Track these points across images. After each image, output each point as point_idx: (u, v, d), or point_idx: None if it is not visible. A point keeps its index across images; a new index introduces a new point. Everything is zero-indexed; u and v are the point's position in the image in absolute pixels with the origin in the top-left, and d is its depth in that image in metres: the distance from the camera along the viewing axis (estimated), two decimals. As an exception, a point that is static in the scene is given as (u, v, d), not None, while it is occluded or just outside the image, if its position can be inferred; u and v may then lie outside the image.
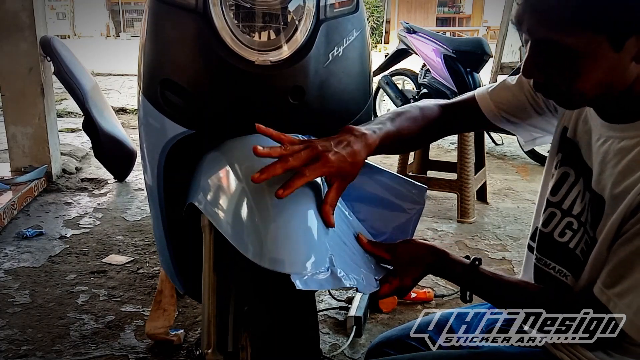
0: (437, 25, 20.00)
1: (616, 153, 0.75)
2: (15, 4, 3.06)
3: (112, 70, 9.48)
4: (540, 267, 0.90)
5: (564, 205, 0.87)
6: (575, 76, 0.70)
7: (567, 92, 0.73)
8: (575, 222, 0.84)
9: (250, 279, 0.86)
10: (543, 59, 0.72)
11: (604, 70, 0.69)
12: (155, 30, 1.00)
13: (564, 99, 0.75)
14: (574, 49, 0.68)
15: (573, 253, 0.84)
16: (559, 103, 0.78)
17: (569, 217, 0.86)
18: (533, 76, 0.75)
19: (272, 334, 0.83)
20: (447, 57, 4.42)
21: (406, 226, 0.97)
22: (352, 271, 0.79)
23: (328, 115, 1.04)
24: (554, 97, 0.76)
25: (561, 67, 0.71)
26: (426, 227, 2.77)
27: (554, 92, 0.75)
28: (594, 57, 0.68)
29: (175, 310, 1.74)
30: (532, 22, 0.71)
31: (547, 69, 0.72)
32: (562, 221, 0.87)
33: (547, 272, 0.89)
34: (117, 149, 3.25)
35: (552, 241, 0.88)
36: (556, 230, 0.88)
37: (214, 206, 0.87)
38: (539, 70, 0.73)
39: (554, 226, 0.88)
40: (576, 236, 0.84)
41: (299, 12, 0.94)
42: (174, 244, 1.18)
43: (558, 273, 0.87)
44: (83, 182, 3.43)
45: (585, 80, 0.70)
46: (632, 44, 0.68)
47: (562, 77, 0.72)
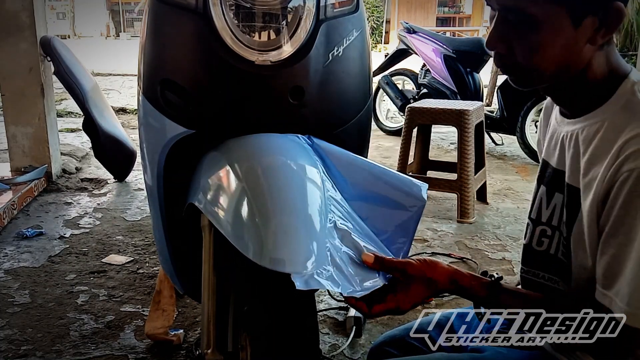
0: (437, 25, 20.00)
1: (582, 142, 0.77)
2: (15, 4, 3.06)
3: (112, 70, 9.49)
4: (530, 278, 0.91)
5: (532, 215, 0.90)
6: (534, 47, 0.72)
7: (525, 66, 0.74)
8: (548, 228, 0.86)
9: (250, 279, 0.86)
10: (507, 29, 0.74)
11: (560, 45, 0.72)
12: (155, 30, 1.00)
13: (522, 75, 0.77)
14: (536, 18, 0.70)
15: (556, 258, 0.85)
16: (517, 80, 0.79)
17: (540, 226, 0.88)
18: (496, 47, 0.76)
19: (271, 334, 0.83)
20: (447, 57, 4.42)
21: (408, 224, 0.97)
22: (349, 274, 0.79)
23: (328, 115, 1.04)
24: (513, 71, 0.78)
25: (522, 37, 0.73)
26: (426, 227, 2.77)
27: (513, 66, 0.77)
28: (554, 29, 0.71)
29: (175, 310, 1.74)
30: None
31: (509, 39, 0.74)
32: (535, 231, 0.89)
33: (538, 282, 0.89)
34: (117, 149, 3.25)
35: (532, 251, 0.90)
36: (533, 241, 0.90)
37: (214, 206, 0.87)
38: (501, 40, 0.75)
39: (530, 237, 0.91)
40: (553, 242, 0.86)
41: (299, 12, 0.94)
42: (174, 244, 1.18)
43: (549, 281, 0.88)
44: (83, 182, 3.43)
45: (543, 54, 0.72)
46: (589, 24, 0.70)
47: (521, 48, 0.73)
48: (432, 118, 2.95)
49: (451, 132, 4.91)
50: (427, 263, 0.81)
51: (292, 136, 0.98)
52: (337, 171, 0.96)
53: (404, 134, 3.06)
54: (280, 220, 0.78)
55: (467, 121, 2.84)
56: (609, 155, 0.71)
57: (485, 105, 4.53)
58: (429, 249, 2.51)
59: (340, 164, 0.97)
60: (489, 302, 0.82)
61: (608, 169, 0.71)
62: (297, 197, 0.82)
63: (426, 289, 0.80)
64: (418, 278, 0.79)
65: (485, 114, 3.71)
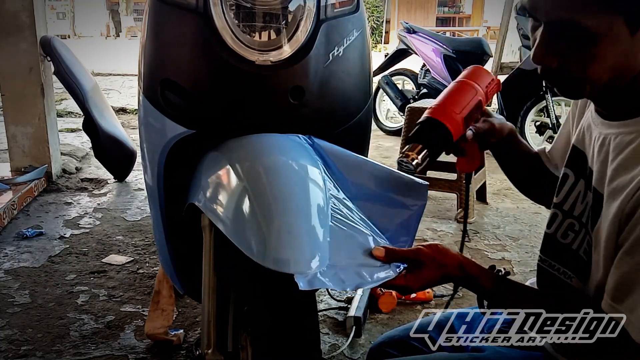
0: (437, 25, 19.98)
1: (613, 149, 0.75)
2: (15, 4, 3.06)
3: (112, 70, 9.48)
4: (545, 268, 0.90)
5: (565, 207, 0.87)
6: (590, 59, 0.69)
7: (579, 77, 0.72)
8: (577, 223, 0.84)
9: (250, 279, 0.86)
10: (557, 42, 0.71)
11: (617, 54, 0.69)
12: (155, 30, 1.00)
13: (572, 86, 0.75)
14: (591, 30, 0.67)
15: (576, 254, 0.84)
16: (565, 91, 0.77)
17: (570, 219, 0.86)
18: (545, 61, 0.73)
19: (272, 334, 0.83)
20: (447, 57, 4.42)
21: (409, 223, 0.97)
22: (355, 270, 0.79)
23: (328, 115, 1.04)
24: (563, 83, 0.76)
25: (577, 50, 0.70)
26: (426, 227, 2.77)
27: (564, 79, 0.74)
28: (611, 40, 0.68)
29: (174, 310, 1.74)
30: (550, 3, 0.70)
31: (561, 52, 0.71)
32: (564, 222, 0.87)
33: (552, 274, 0.88)
34: (117, 149, 3.25)
35: (555, 242, 0.88)
36: (559, 232, 0.87)
37: (215, 206, 0.87)
38: (552, 54, 0.72)
39: (556, 227, 0.88)
40: (578, 237, 0.84)
41: (299, 12, 0.94)
42: (174, 244, 1.18)
43: (562, 275, 0.86)
44: (83, 182, 3.43)
45: (600, 65, 0.70)
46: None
47: (576, 60, 0.71)
48: (432, 118, 2.95)
49: (451, 132, 4.90)
50: (437, 248, 0.82)
51: (293, 136, 0.98)
52: (338, 171, 0.96)
53: (404, 134, 3.06)
54: (283, 220, 0.78)
55: (467, 121, 2.84)
56: (637, 169, 0.70)
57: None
58: (429, 249, 2.51)
59: (341, 163, 0.97)
60: (493, 296, 0.82)
61: (637, 187, 0.69)
62: (300, 197, 0.82)
63: (436, 273, 0.80)
64: (428, 262, 0.80)
65: (485, 114, 3.71)
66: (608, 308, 0.73)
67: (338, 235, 0.83)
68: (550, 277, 0.89)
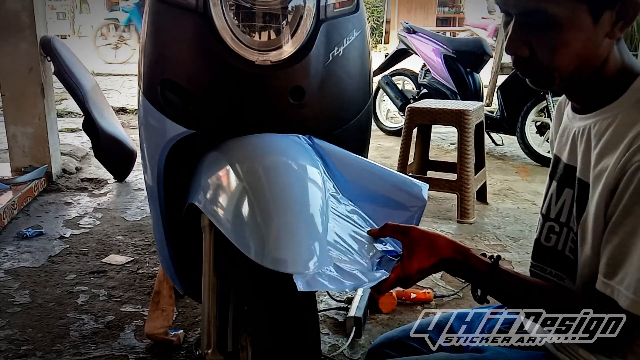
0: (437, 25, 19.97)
1: (594, 136, 0.78)
2: (15, 4, 3.06)
3: (112, 70, 9.48)
4: (538, 273, 0.92)
5: (543, 210, 0.91)
6: (556, 46, 0.74)
7: (547, 66, 0.76)
8: (556, 225, 0.87)
9: (250, 279, 0.86)
10: (527, 31, 0.75)
11: (582, 41, 0.73)
12: (155, 30, 1.00)
13: (542, 75, 0.78)
14: (558, 18, 0.72)
15: (563, 255, 0.85)
16: (537, 81, 0.80)
17: (549, 222, 0.89)
18: (517, 50, 0.77)
19: (272, 334, 0.83)
20: (447, 57, 4.42)
21: (408, 224, 0.97)
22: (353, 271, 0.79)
23: (328, 115, 1.04)
24: (534, 74, 0.79)
25: (544, 38, 0.74)
26: (426, 227, 2.75)
27: (534, 68, 0.78)
28: (575, 27, 0.72)
29: (174, 310, 1.74)
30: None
31: (531, 41, 0.75)
32: (545, 226, 0.90)
33: (545, 278, 0.90)
34: (117, 149, 3.25)
35: (541, 247, 0.91)
36: (542, 236, 0.90)
37: (215, 206, 0.87)
38: (522, 44, 0.76)
39: (539, 232, 0.91)
40: (561, 238, 0.86)
41: (299, 12, 0.94)
42: (174, 244, 1.18)
43: (555, 277, 0.88)
44: (83, 182, 3.43)
45: (565, 52, 0.74)
46: (607, 18, 0.72)
47: (544, 48, 0.75)
48: (432, 118, 2.95)
49: (451, 132, 4.91)
50: (430, 231, 0.84)
51: (293, 136, 0.98)
52: (338, 171, 0.96)
53: (404, 134, 3.06)
54: (282, 220, 0.78)
55: (467, 121, 2.84)
56: (620, 147, 0.72)
57: (485, 105, 4.53)
58: (429, 249, 2.51)
59: (341, 164, 0.97)
60: (487, 280, 0.82)
61: (619, 160, 0.71)
62: (299, 197, 0.82)
63: (430, 255, 0.81)
64: (421, 242, 0.82)
65: (485, 114, 3.71)
66: (602, 286, 0.74)
67: (337, 235, 0.83)
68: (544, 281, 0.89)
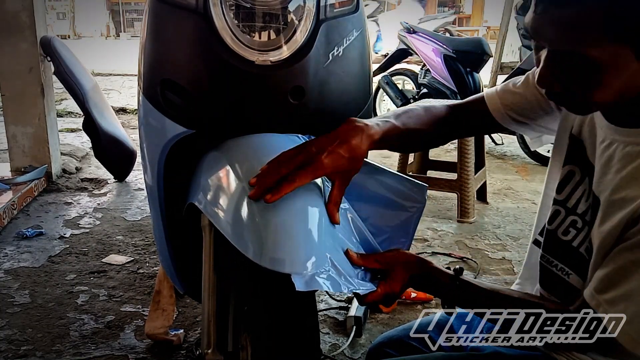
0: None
1: (620, 158, 0.74)
2: (15, 4, 3.06)
3: (112, 70, 9.49)
4: (544, 264, 0.90)
5: (569, 204, 0.86)
6: (595, 87, 0.69)
7: (584, 101, 0.72)
8: (580, 220, 0.84)
9: (250, 279, 0.86)
10: (562, 69, 0.70)
11: (624, 80, 0.68)
12: (155, 30, 1.00)
13: (579, 107, 0.75)
14: (597, 61, 0.67)
15: (577, 252, 0.84)
16: (572, 110, 0.77)
17: (573, 216, 0.85)
18: (549, 86, 0.73)
19: (272, 334, 0.83)
20: (447, 57, 4.42)
21: (407, 225, 0.97)
22: (350, 273, 0.79)
23: (328, 115, 1.04)
24: (569, 105, 0.76)
25: (582, 79, 0.69)
26: (426, 227, 2.77)
27: (570, 101, 0.74)
28: (617, 68, 0.67)
29: (175, 310, 1.74)
30: (553, 33, 0.68)
31: (566, 79, 0.71)
32: (567, 219, 0.86)
33: (550, 270, 0.88)
34: (117, 149, 3.25)
35: (555, 239, 0.88)
36: (560, 229, 0.87)
37: (214, 206, 0.87)
38: (556, 80, 0.72)
39: (557, 224, 0.88)
40: (580, 234, 0.83)
41: (299, 12, 0.94)
42: (174, 244, 1.18)
43: (560, 271, 0.86)
44: (83, 182, 3.43)
45: (605, 90, 0.69)
46: None
47: (581, 87, 0.70)
48: (432, 118, 2.95)
49: (451, 132, 4.90)
50: (396, 250, 0.88)
51: (293, 136, 0.98)
52: (337, 171, 0.96)
53: (404, 133, 3.06)
54: (281, 220, 0.78)
55: (467, 121, 2.84)
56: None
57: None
58: (429, 248, 2.51)
59: (340, 164, 0.97)
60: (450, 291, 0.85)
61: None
62: (297, 197, 0.82)
63: (404, 272, 0.85)
64: (396, 265, 0.85)
65: (485, 114, 3.71)
66: (589, 297, 0.74)
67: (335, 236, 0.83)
68: (547, 273, 0.89)
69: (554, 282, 0.88)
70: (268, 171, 0.78)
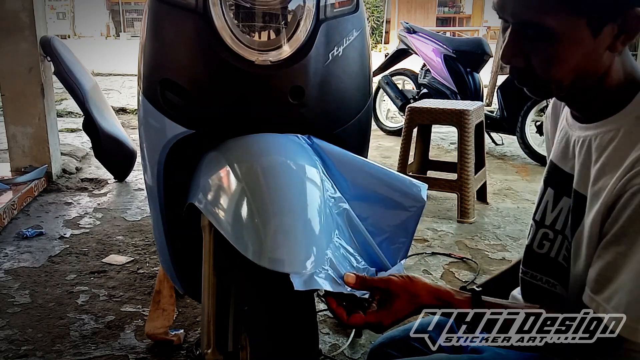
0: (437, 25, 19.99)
1: (595, 150, 0.76)
2: (15, 4, 3.06)
3: (112, 70, 9.49)
4: (528, 280, 0.91)
5: (537, 217, 0.89)
6: (553, 60, 0.71)
7: (544, 78, 0.74)
8: (550, 232, 0.86)
9: (250, 279, 0.86)
10: (523, 42, 0.73)
11: (580, 55, 0.71)
12: (155, 30, 1.00)
13: (539, 86, 0.76)
14: (555, 31, 0.69)
15: (556, 262, 0.85)
16: (534, 91, 0.78)
17: (542, 228, 0.88)
18: (512, 61, 0.75)
19: (271, 334, 0.83)
20: (447, 57, 4.42)
21: (407, 224, 0.97)
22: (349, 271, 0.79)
23: (328, 115, 1.04)
24: (530, 83, 0.77)
25: (541, 50, 0.72)
26: (426, 227, 2.77)
27: (530, 78, 0.76)
28: (573, 41, 0.70)
29: (175, 310, 1.74)
30: (515, 4, 0.72)
31: (527, 53, 0.73)
32: (538, 233, 0.89)
33: (535, 284, 0.89)
34: (117, 149, 3.25)
35: (533, 253, 0.90)
36: (534, 243, 0.89)
37: (214, 206, 0.87)
38: (518, 54, 0.74)
39: (531, 238, 0.90)
40: (555, 245, 0.85)
41: (299, 12, 0.94)
42: (174, 244, 1.18)
43: (546, 284, 0.87)
44: (83, 182, 3.43)
45: (562, 65, 0.72)
46: (608, 32, 0.70)
47: (540, 60, 0.72)
48: (432, 118, 2.96)
49: (451, 132, 4.91)
50: (409, 278, 0.79)
51: (292, 136, 0.98)
52: (337, 171, 0.96)
53: (404, 134, 3.06)
54: (280, 220, 0.78)
55: (467, 121, 2.84)
56: (622, 166, 0.70)
57: (485, 105, 4.53)
58: (429, 248, 2.51)
59: (340, 164, 0.97)
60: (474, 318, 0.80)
61: (619, 180, 0.70)
62: (297, 197, 0.82)
63: (409, 304, 0.77)
64: (401, 294, 0.77)
65: (485, 114, 3.71)
66: (588, 300, 0.74)
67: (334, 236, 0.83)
68: (534, 288, 0.89)
69: (540, 295, 0.89)
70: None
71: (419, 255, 2.44)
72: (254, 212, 0.79)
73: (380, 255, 0.92)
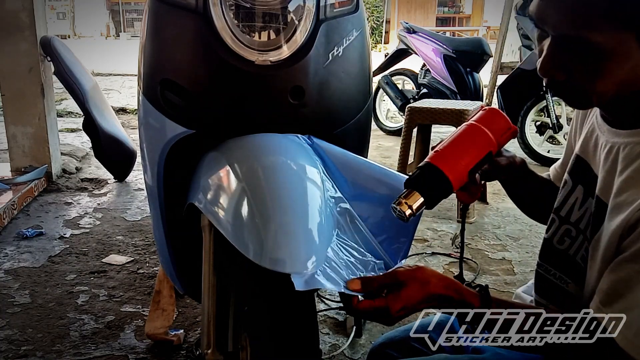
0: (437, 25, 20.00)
1: (622, 160, 0.74)
2: (15, 4, 3.06)
3: (112, 70, 9.49)
4: (541, 273, 0.90)
5: (562, 212, 0.86)
6: (598, 74, 0.68)
7: (586, 91, 0.71)
8: (573, 229, 0.84)
9: (250, 279, 0.86)
10: (565, 56, 0.69)
11: (627, 68, 0.67)
12: (155, 30, 1.00)
13: (579, 98, 0.73)
14: (601, 46, 0.66)
15: (573, 260, 0.84)
16: (571, 102, 0.76)
17: (566, 225, 0.85)
18: (552, 74, 0.72)
19: (271, 334, 0.83)
20: (447, 57, 4.42)
21: (407, 224, 0.97)
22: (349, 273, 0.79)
23: (328, 115, 1.04)
24: (569, 96, 0.74)
25: (585, 65, 0.68)
26: (426, 227, 2.77)
27: (570, 91, 0.73)
28: (621, 56, 0.66)
29: (175, 310, 1.74)
30: (557, 17, 0.68)
31: (569, 67, 0.69)
32: (560, 228, 0.86)
33: (548, 279, 0.88)
34: (117, 149, 3.25)
35: (552, 248, 0.88)
36: (555, 237, 0.87)
37: (214, 206, 0.87)
38: (559, 68, 0.70)
39: (553, 233, 0.88)
40: (575, 243, 0.83)
41: (299, 12, 0.94)
42: (174, 244, 1.18)
43: (558, 280, 0.86)
44: (83, 182, 3.43)
45: (608, 79, 0.68)
46: None
47: (584, 75, 0.69)
48: (432, 118, 2.95)
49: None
50: (417, 267, 0.77)
51: (292, 136, 0.98)
52: (337, 171, 0.96)
53: (404, 133, 3.06)
54: (280, 220, 0.78)
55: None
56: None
57: (485, 105, 4.52)
58: (429, 249, 2.51)
59: (340, 163, 0.97)
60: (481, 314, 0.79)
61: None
62: (297, 197, 0.82)
63: (418, 292, 0.74)
64: (409, 281, 0.75)
65: (486, 114, 3.71)
66: (595, 309, 0.73)
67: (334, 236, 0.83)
68: (546, 282, 0.89)
69: (552, 291, 0.88)
70: None
71: (419, 255, 2.44)
72: (254, 212, 0.79)
73: (383, 253, 0.92)
